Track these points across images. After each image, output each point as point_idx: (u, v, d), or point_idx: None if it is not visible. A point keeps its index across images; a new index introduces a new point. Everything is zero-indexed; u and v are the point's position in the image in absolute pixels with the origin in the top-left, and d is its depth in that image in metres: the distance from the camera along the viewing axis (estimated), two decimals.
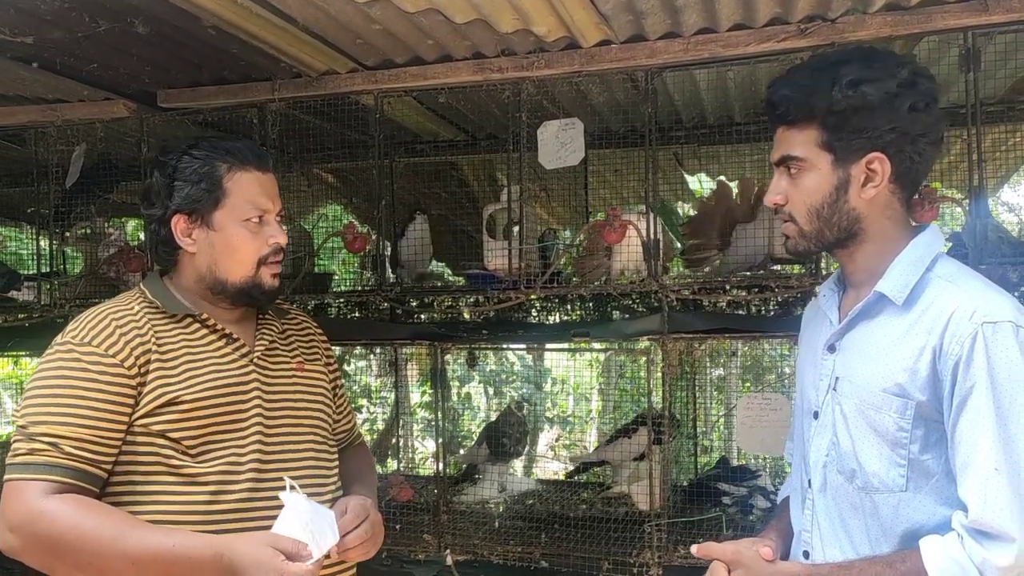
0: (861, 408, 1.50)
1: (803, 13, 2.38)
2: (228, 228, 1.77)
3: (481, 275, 2.96)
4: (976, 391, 1.37)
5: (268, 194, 1.81)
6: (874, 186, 1.50)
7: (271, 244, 1.80)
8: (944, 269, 1.51)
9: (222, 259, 1.78)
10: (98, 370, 1.65)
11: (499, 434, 3.32)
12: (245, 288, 1.79)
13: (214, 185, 1.76)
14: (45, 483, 1.57)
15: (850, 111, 1.47)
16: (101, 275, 3.04)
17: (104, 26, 2.33)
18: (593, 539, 2.77)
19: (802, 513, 1.63)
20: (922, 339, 1.44)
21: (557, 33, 2.50)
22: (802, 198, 1.54)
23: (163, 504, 1.65)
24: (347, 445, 2.11)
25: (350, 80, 2.81)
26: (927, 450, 1.44)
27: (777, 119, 1.56)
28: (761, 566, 1.54)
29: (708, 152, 3.70)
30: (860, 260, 1.57)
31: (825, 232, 1.54)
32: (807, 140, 1.52)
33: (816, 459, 1.59)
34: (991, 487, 1.34)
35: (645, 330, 2.69)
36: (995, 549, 1.32)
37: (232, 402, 1.73)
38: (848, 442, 1.52)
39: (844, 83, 1.47)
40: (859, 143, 1.48)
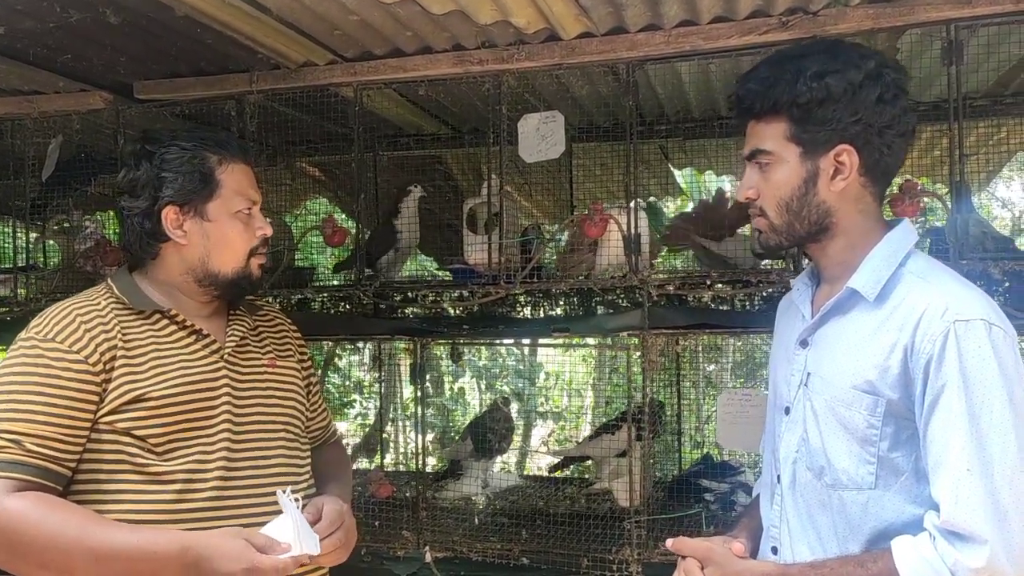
0: (831, 405, 1.48)
1: (784, 5, 2.36)
2: (223, 220, 1.77)
3: (463, 270, 2.93)
4: (948, 390, 1.35)
5: (254, 186, 1.84)
6: (843, 179, 1.49)
7: (259, 235, 1.82)
8: (916, 265, 1.49)
9: (216, 251, 1.78)
10: (62, 367, 1.62)
11: (484, 430, 3.30)
12: (236, 279, 1.80)
13: (207, 176, 1.75)
14: (6, 481, 1.54)
15: (814, 103, 1.46)
16: (78, 269, 3.01)
17: (76, 16, 2.30)
18: (574, 536, 2.76)
19: (771, 508, 1.62)
20: (893, 336, 1.42)
21: (537, 25, 2.47)
22: (772, 192, 1.53)
23: (128, 503, 1.63)
24: (322, 443, 2.09)
25: (329, 72, 2.79)
26: (897, 448, 1.43)
27: (745, 113, 1.56)
28: (733, 562, 1.53)
29: (695, 146, 3.67)
30: (832, 254, 1.56)
31: (795, 225, 1.53)
32: (775, 133, 1.51)
33: (786, 455, 1.57)
34: (963, 488, 1.32)
35: (626, 325, 2.67)
36: (967, 550, 1.31)
37: (200, 399, 1.71)
38: (818, 439, 1.50)
39: (808, 75, 1.46)
40: (825, 135, 1.47)
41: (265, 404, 1.82)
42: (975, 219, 2.56)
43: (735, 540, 1.60)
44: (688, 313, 2.77)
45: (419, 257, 3.94)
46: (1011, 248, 2.68)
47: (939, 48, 2.40)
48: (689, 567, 1.55)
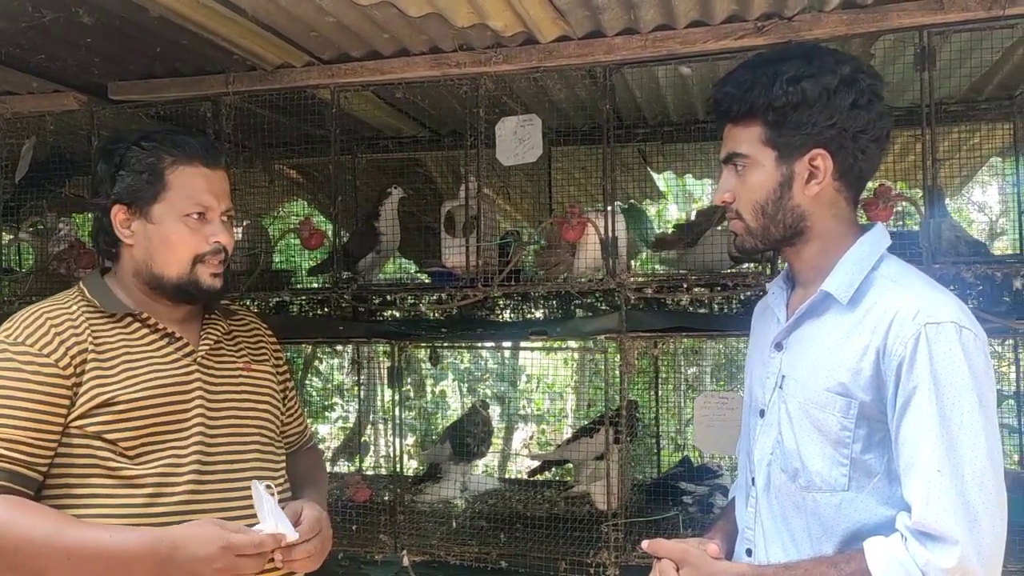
0: (805, 407, 1.49)
1: (760, 10, 2.37)
2: (166, 222, 1.73)
3: (440, 272, 2.93)
4: (919, 392, 1.36)
5: (213, 191, 1.76)
6: (817, 183, 1.50)
7: (211, 243, 1.75)
8: (889, 269, 1.50)
9: (157, 253, 1.74)
10: (31, 370, 1.60)
11: (463, 433, 3.29)
12: (181, 285, 1.75)
13: (155, 177, 1.72)
14: None
15: (790, 107, 1.47)
16: (51, 271, 2.98)
17: (49, 16, 2.28)
18: (552, 539, 2.76)
19: (745, 510, 1.63)
20: (866, 339, 1.43)
21: (514, 28, 2.47)
22: (748, 195, 1.54)
23: (99, 507, 1.61)
24: (299, 448, 2.08)
25: (306, 74, 2.78)
26: (869, 450, 1.44)
27: (723, 116, 1.56)
28: (708, 564, 1.53)
29: (673, 150, 3.68)
30: (807, 258, 1.56)
31: (771, 229, 1.54)
32: (751, 137, 1.52)
33: (761, 457, 1.58)
34: (934, 489, 1.33)
35: (603, 328, 2.67)
36: (938, 551, 1.31)
37: (172, 402, 1.69)
38: (792, 441, 1.51)
39: (784, 79, 1.47)
40: (800, 139, 1.48)
41: (239, 408, 1.81)
42: (948, 223, 2.58)
43: (710, 542, 1.61)
44: (666, 316, 2.78)
45: (399, 260, 3.93)
46: (984, 252, 2.70)
47: (912, 54, 2.42)
48: (664, 568, 1.55)
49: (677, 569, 1.54)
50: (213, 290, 1.78)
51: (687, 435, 5.98)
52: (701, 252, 2.75)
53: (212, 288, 1.77)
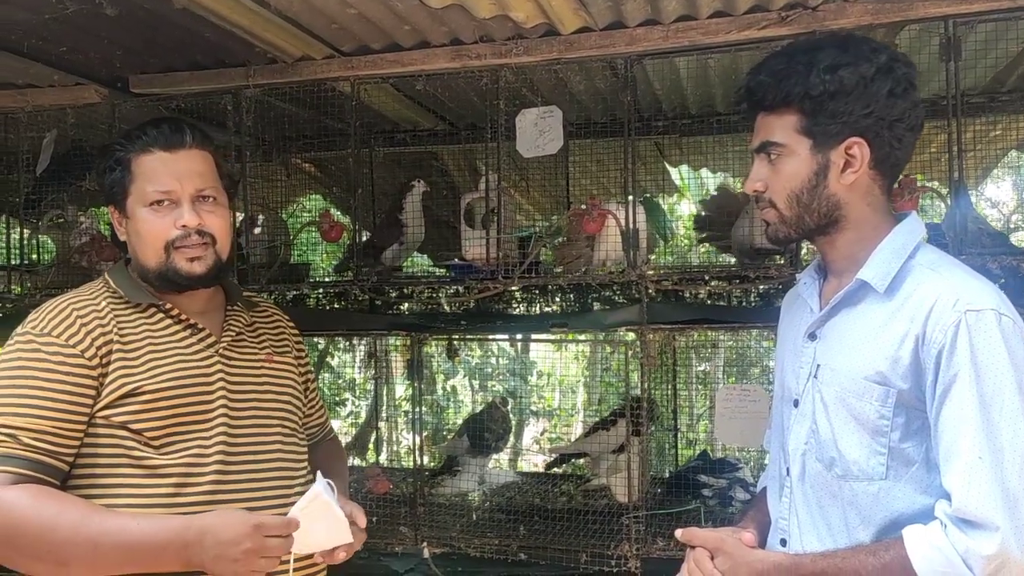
0: (842, 396, 1.48)
1: (784, 1, 2.36)
2: (137, 214, 1.72)
3: (460, 265, 2.92)
4: (959, 380, 1.36)
5: (176, 174, 1.71)
6: (853, 171, 1.49)
7: (178, 226, 1.70)
8: (926, 257, 1.50)
9: (137, 246, 1.74)
10: (58, 361, 1.61)
11: (481, 428, 3.30)
12: (162, 274, 1.72)
13: (124, 171, 1.72)
14: (3, 474, 1.52)
15: (827, 96, 1.46)
16: (73, 264, 2.99)
17: (72, 8, 2.28)
18: (572, 531, 2.76)
19: (779, 501, 1.62)
20: (904, 327, 1.43)
21: (535, 19, 2.46)
22: (782, 184, 1.53)
23: (126, 497, 1.61)
24: (319, 440, 2.08)
25: (326, 66, 2.77)
26: (908, 438, 1.43)
27: (756, 105, 1.56)
28: (743, 552, 1.53)
29: (690, 143, 3.67)
30: (841, 247, 1.56)
31: (805, 218, 1.53)
32: (786, 126, 1.51)
33: (795, 447, 1.57)
34: (975, 476, 1.33)
35: (624, 321, 2.66)
36: (979, 538, 1.31)
37: (196, 392, 1.69)
38: (828, 430, 1.50)
39: (821, 68, 1.46)
40: (837, 128, 1.48)
41: (261, 399, 1.81)
42: (972, 215, 2.56)
43: (745, 531, 1.60)
44: (686, 309, 2.77)
45: (414, 254, 3.93)
46: (1007, 244, 2.68)
47: (937, 44, 2.41)
48: (699, 557, 1.55)
49: (712, 558, 1.53)
50: (193, 275, 1.72)
51: (699, 430, 5.98)
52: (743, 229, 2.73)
53: (191, 273, 1.72)
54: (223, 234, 1.77)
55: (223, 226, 1.77)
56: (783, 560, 1.50)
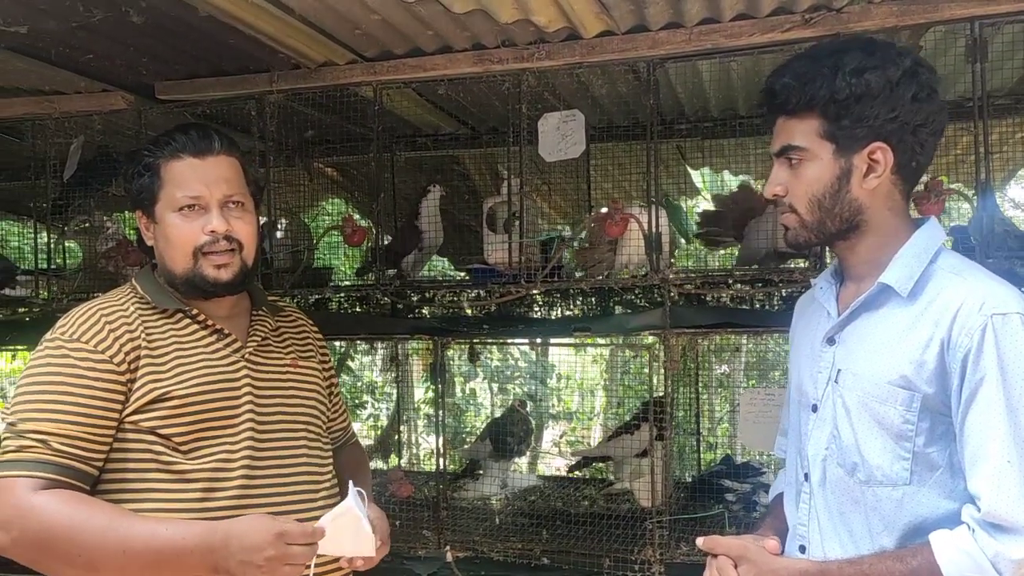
0: (864, 400, 1.47)
1: (808, 2, 2.34)
2: (165, 218, 1.74)
3: (482, 269, 2.93)
4: (986, 383, 1.35)
5: (204, 180, 1.73)
6: (876, 176, 1.48)
7: (207, 232, 1.71)
8: (948, 262, 1.49)
9: (165, 251, 1.76)
10: (87, 366, 1.62)
11: (503, 431, 3.30)
12: (188, 279, 1.73)
13: (153, 177, 1.74)
14: (34, 479, 1.54)
15: (852, 100, 1.45)
16: (99, 269, 3.02)
17: (99, 15, 2.30)
18: (595, 536, 2.75)
19: (797, 508, 1.61)
20: (929, 331, 1.42)
21: (558, 23, 2.46)
22: (803, 188, 1.52)
23: (154, 502, 1.63)
24: (342, 444, 2.09)
25: (349, 71, 2.78)
26: (932, 443, 1.42)
27: (777, 108, 1.55)
28: (768, 560, 1.52)
29: (712, 146, 3.65)
30: (861, 252, 1.55)
31: (827, 223, 1.53)
32: (808, 129, 1.50)
33: (815, 453, 1.56)
34: (1004, 479, 1.32)
35: (647, 325, 2.66)
36: (1008, 542, 1.31)
37: (223, 398, 1.70)
38: (850, 435, 1.49)
39: (847, 71, 1.45)
40: (861, 132, 1.47)
41: (287, 404, 1.82)
42: (998, 217, 2.54)
43: (768, 538, 1.59)
44: (709, 312, 2.76)
45: (433, 258, 3.94)
46: None
47: (962, 45, 2.39)
48: (723, 565, 1.53)
49: (735, 566, 1.52)
50: (219, 282, 1.73)
51: (719, 433, 5.95)
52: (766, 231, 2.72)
53: (218, 280, 1.73)
54: (249, 240, 1.78)
55: (250, 232, 1.78)
56: (809, 568, 1.49)
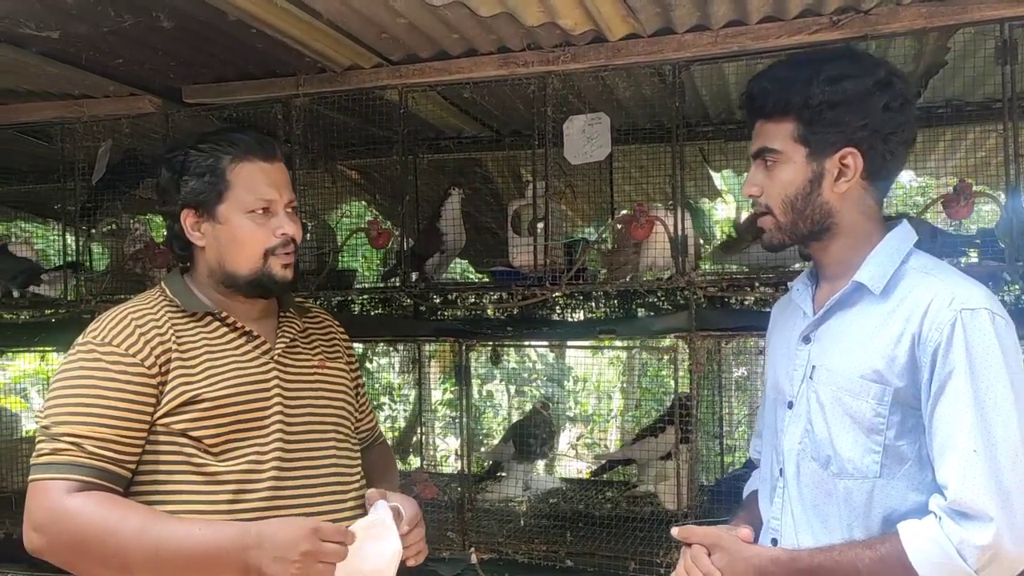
0: (837, 395, 1.52)
1: (835, 4, 2.34)
2: (232, 220, 1.74)
3: (505, 272, 2.93)
4: (955, 376, 1.40)
5: (274, 184, 1.77)
6: (846, 180, 1.54)
7: (279, 235, 1.75)
8: (919, 261, 1.55)
9: (228, 252, 1.76)
10: (119, 370, 1.63)
11: (526, 434, 3.30)
12: (255, 279, 1.76)
13: (217, 177, 1.74)
14: (69, 482, 1.55)
15: (826, 106, 1.51)
16: (127, 271, 3.05)
17: (129, 20, 2.32)
18: (619, 538, 2.75)
19: (771, 502, 1.64)
20: (900, 326, 1.47)
21: (583, 26, 2.47)
22: (777, 190, 1.57)
23: (186, 504, 1.64)
24: (370, 444, 2.09)
25: (374, 75, 2.80)
26: (902, 436, 1.47)
27: (755, 112, 1.60)
28: (741, 548, 1.56)
29: (735, 148, 3.65)
30: (833, 253, 1.60)
31: (799, 224, 1.58)
32: (783, 133, 1.55)
33: (790, 447, 1.60)
34: (970, 468, 1.37)
35: (672, 327, 2.66)
36: (973, 529, 1.35)
37: (253, 400, 1.71)
38: (824, 429, 1.53)
39: (822, 78, 1.51)
40: (833, 138, 1.53)
41: (316, 405, 1.82)
42: None
43: (741, 527, 1.62)
44: (734, 315, 2.76)
45: (454, 260, 3.95)
46: None
47: (991, 46, 2.38)
48: (696, 554, 1.57)
49: (709, 555, 1.56)
50: (286, 281, 1.79)
51: (738, 436, 5.92)
52: None
53: (284, 279, 1.78)
54: (299, 242, 1.83)
55: (300, 235, 1.83)
56: (780, 555, 1.53)
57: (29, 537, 1.57)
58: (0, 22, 2.30)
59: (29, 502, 1.57)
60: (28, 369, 5.99)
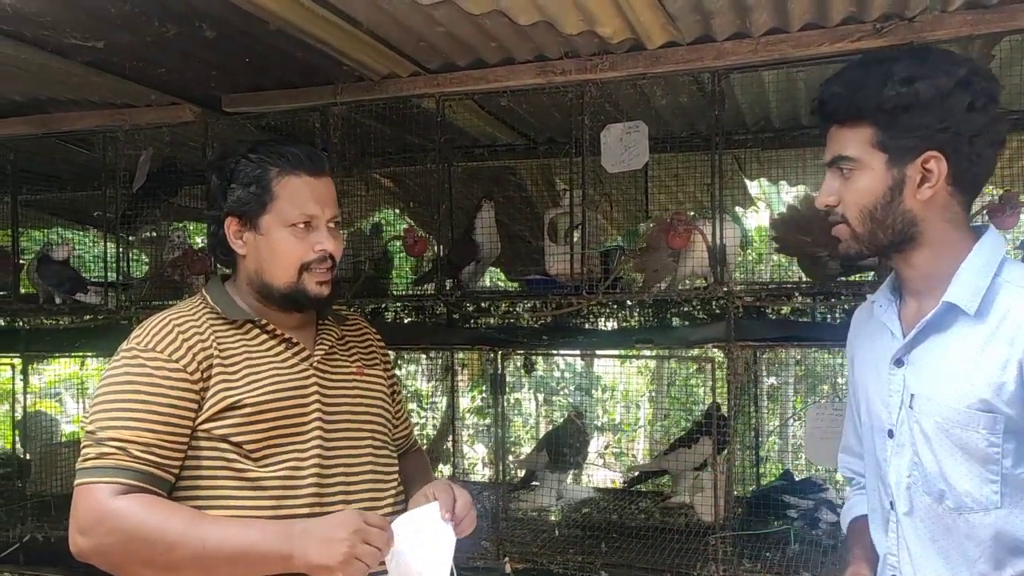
0: (944, 426, 1.43)
1: (879, 11, 2.31)
2: (273, 232, 1.75)
3: (541, 280, 2.92)
4: None
5: (319, 199, 1.77)
6: (930, 187, 1.45)
7: (316, 250, 1.76)
8: (1013, 274, 1.45)
9: (267, 263, 1.77)
10: (162, 375, 1.65)
11: (560, 443, 3.28)
12: (289, 294, 1.77)
13: (263, 189, 1.75)
14: (115, 485, 1.57)
15: (901, 109, 1.42)
16: (166, 278, 3.08)
17: (172, 31, 2.35)
18: (652, 549, 2.72)
19: (886, 536, 1.57)
20: (1004, 351, 1.38)
21: (622, 35, 2.46)
22: (854, 199, 1.49)
23: (229, 509, 1.65)
24: (406, 451, 2.09)
25: (412, 83, 2.81)
26: (1020, 463, 1.39)
27: (828, 118, 1.52)
28: None
29: (771, 156, 3.62)
30: (917, 265, 1.51)
31: (879, 234, 1.49)
32: (860, 139, 1.47)
33: (897, 480, 1.52)
34: None
35: (710, 337, 2.63)
36: None
37: (293, 406, 1.72)
38: (933, 462, 1.45)
39: (896, 80, 1.43)
40: (913, 142, 1.44)
41: (353, 412, 1.83)
42: None
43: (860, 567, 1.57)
44: (772, 325, 2.72)
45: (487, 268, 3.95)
46: None
47: None
48: None
49: None
50: (320, 298, 1.79)
51: (768, 447, 5.86)
52: None
53: (319, 296, 1.78)
54: (339, 258, 1.83)
55: (341, 251, 1.83)
56: None
57: (75, 540, 1.58)
58: (47, 32, 2.34)
59: (75, 505, 1.58)
60: (63, 374, 6.07)
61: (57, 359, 4.80)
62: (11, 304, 3.45)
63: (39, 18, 2.25)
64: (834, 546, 2.72)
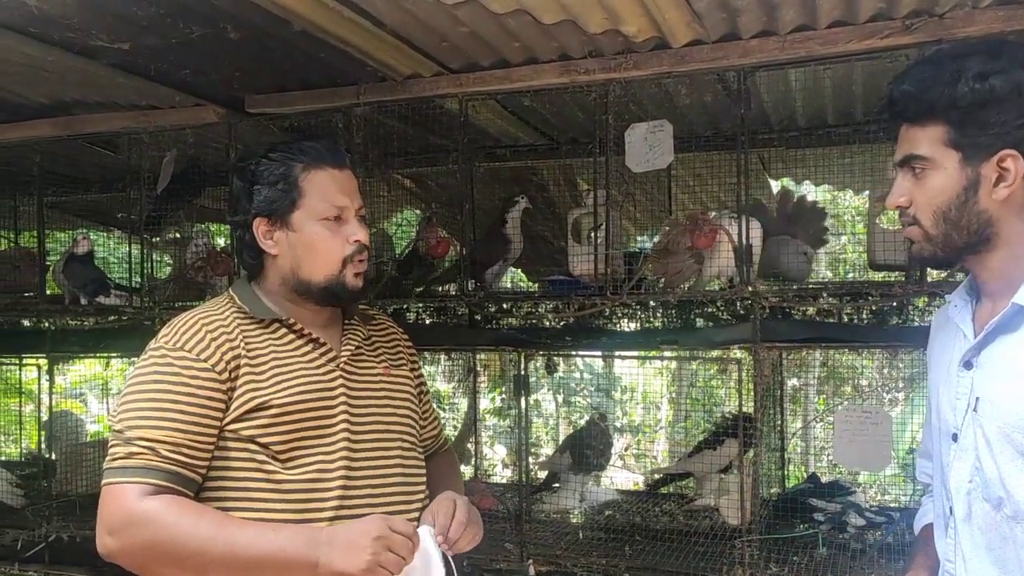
0: (1005, 431, 1.39)
1: (908, 8, 2.27)
2: (306, 228, 1.76)
3: (564, 280, 2.91)
4: None
5: (345, 191, 1.79)
6: (1007, 186, 1.40)
7: (352, 242, 1.77)
8: None
9: (304, 260, 1.77)
10: (190, 375, 1.65)
11: (583, 445, 3.26)
12: (329, 288, 1.77)
13: (290, 185, 1.75)
14: (143, 485, 1.57)
15: (976, 106, 1.38)
16: (189, 279, 3.09)
17: (197, 32, 2.36)
18: (677, 552, 2.70)
19: (945, 541, 1.53)
20: None
21: (647, 33, 2.43)
22: (927, 200, 1.45)
23: (256, 511, 1.65)
24: (434, 451, 2.08)
25: (434, 83, 2.80)
26: None
27: (898, 116, 1.48)
28: None
29: (795, 155, 3.58)
30: (993, 267, 1.47)
31: (953, 236, 1.45)
32: (932, 138, 1.43)
33: (958, 485, 1.48)
34: None
35: (736, 338, 2.61)
36: None
37: (320, 407, 1.72)
38: (993, 468, 1.41)
39: (969, 76, 1.38)
40: (988, 140, 1.39)
41: (381, 413, 1.82)
42: None
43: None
44: (798, 327, 2.69)
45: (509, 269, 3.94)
46: None
47: None
48: None
49: None
50: (356, 290, 1.80)
51: (791, 448, 5.80)
52: None
53: (356, 288, 1.80)
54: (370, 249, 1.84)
55: (370, 242, 1.84)
56: None
57: (103, 541, 1.59)
58: (74, 35, 2.35)
59: (103, 506, 1.59)
60: (87, 374, 6.11)
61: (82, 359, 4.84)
62: (37, 305, 3.48)
63: (65, 20, 2.26)
64: (862, 550, 2.69)
